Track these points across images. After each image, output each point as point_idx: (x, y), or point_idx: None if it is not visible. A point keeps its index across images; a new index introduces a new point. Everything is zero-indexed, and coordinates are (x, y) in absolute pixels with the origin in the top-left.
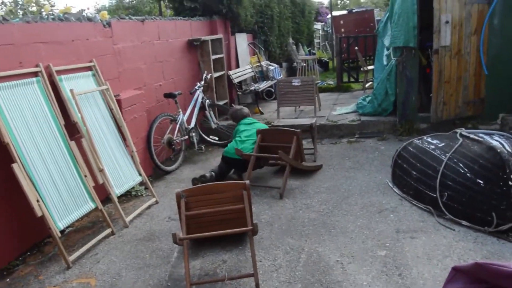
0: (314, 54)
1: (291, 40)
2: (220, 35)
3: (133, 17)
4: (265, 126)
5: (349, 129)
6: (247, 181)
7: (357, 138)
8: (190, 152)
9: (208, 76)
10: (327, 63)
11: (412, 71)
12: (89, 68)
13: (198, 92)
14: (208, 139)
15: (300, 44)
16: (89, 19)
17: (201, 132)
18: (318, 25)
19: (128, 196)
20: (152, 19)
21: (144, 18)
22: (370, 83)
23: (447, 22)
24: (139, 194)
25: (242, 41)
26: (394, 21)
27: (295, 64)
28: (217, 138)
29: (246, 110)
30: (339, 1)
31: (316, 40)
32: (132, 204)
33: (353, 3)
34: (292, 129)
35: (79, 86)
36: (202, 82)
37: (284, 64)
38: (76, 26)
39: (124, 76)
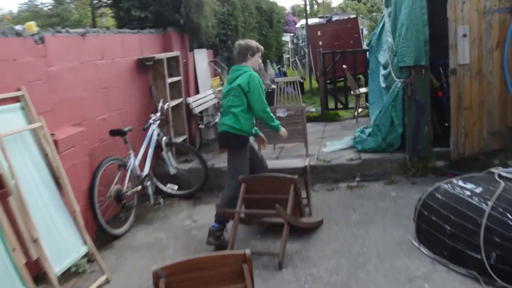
0: (284, 72)
1: None
2: (176, 52)
3: (72, 30)
4: (256, 81)
5: (347, 171)
6: (248, 251)
7: (359, 182)
8: (144, 208)
9: (165, 106)
10: (302, 84)
11: (423, 96)
12: (16, 99)
13: (153, 127)
14: (166, 189)
15: (268, 60)
16: (17, 34)
17: (156, 181)
18: (286, 37)
19: (65, 273)
20: (94, 32)
21: (85, 31)
22: (362, 109)
23: (464, 35)
24: (81, 270)
25: (201, 58)
26: (401, 35)
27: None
28: (176, 187)
29: (243, 44)
30: (307, 6)
31: (285, 55)
32: (73, 285)
33: (323, 8)
34: (288, 176)
35: (4, 124)
36: (158, 114)
37: None
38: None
39: (60, 108)
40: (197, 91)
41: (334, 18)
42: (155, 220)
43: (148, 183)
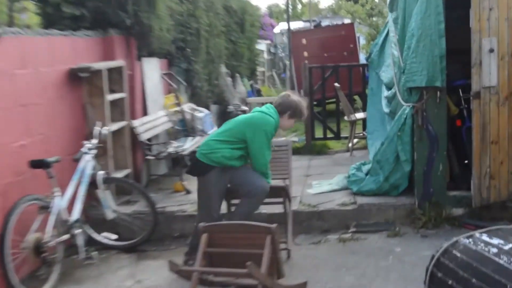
0: (258, 90)
1: (224, 69)
2: (120, 62)
3: None
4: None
5: (338, 219)
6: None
7: (354, 234)
8: (72, 263)
9: (104, 131)
10: None
11: (438, 125)
12: None
13: (86, 157)
14: (101, 238)
15: (238, 75)
16: None
17: (88, 228)
18: (262, 44)
19: None
20: (13, 33)
21: (0, 31)
22: (358, 140)
23: (491, 50)
24: None
25: (152, 70)
26: (410, 47)
27: (230, 107)
28: (115, 237)
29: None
30: (289, 7)
31: (260, 68)
32: None
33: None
34: (264, 224)
35: None
36: (94, 141)
37: (213, 107)
38: None
39: None
40: (145, 113)
41: (324, 23)
42: (85, 280)
43: (78, 230)
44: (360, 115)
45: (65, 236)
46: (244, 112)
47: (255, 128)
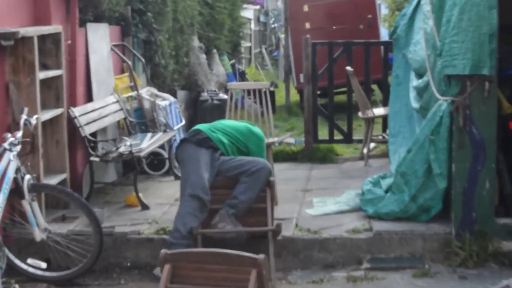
0: (242, 72)
1: (197, 43)
2: (57, 27)
3: None
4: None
5: (348, 250)
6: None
7: (368, 271)
8: None
9: (33, 120)
10: (273, 95)
11: (486, 127)
12: None
13: (8, 156)
14: (26, 267)
15: (215, 51)
16: None
17: (8, 252)
18: (249, 10)
19: None
20: None
21: None
22: (377, 145)
23: None
24: None
25: (100, 40)
26: (450, 20)
27: (204, 94)
28: (44, 265)
29: None
30: None
31: (244, 44)
32: None
33: None
34: (247, 254)
35: None
36: (19, 134)
37: (181, 94)
38: None
39: None
40: (89, 98)
41: None
42: None
43: None
44: (379, 111)
45: None
46: (222, 101)
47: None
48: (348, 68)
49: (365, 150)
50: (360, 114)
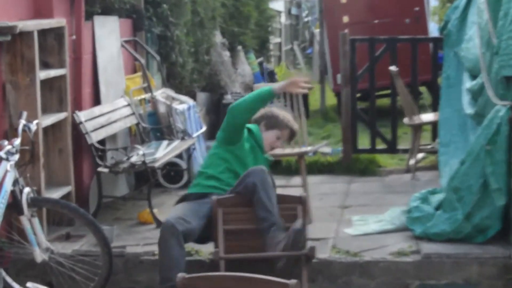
0: (271, 72)
1: (220, 39)
2: (60, 20)
3: None
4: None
5: (393, 275)
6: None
7: None
8: None
9: (33, 126)
10: (306, 98)
11: None
12: None
13: (5, 166)
14: None
15: (242, 48)
16: None
17: (5, 275)
18: (279, 2)
19: None
20: None
21: None
22: (425, 155)
23: None
24: None
25: (109, 35)
26: (508, 14)
27: (227, 97)
28: None
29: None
30: None
31: (274, 39)
32: None
33: None
34: (276, 279)
35: None
36: (17, 141)
37: (201, 97)
38: None
39: None
40: (97, 101)
41: None
42: None
43: None
44: (428, 117)
45: None
46: None
47: None
48: (392, 67)
49: (411, 162)
50: (405, 120)
